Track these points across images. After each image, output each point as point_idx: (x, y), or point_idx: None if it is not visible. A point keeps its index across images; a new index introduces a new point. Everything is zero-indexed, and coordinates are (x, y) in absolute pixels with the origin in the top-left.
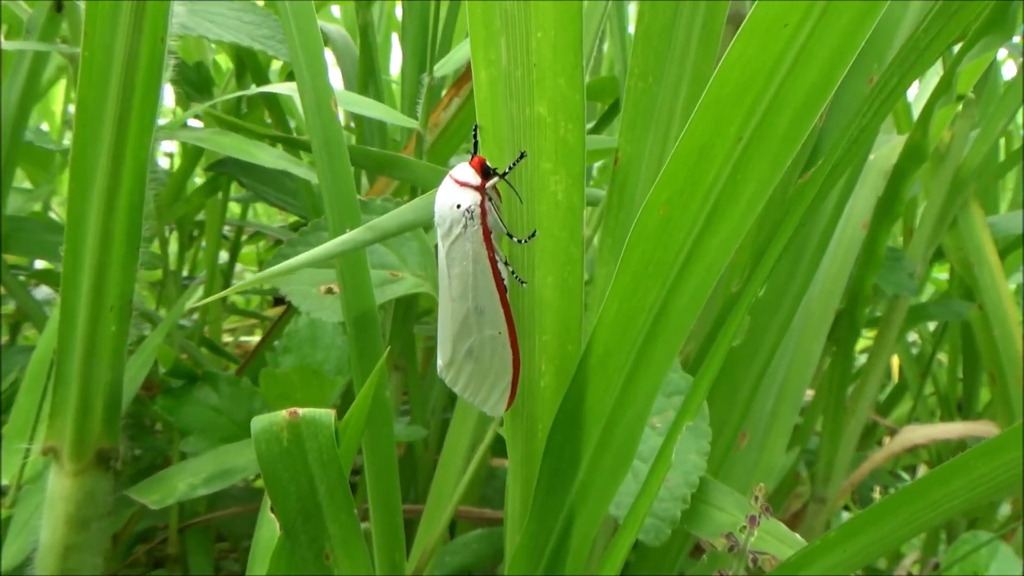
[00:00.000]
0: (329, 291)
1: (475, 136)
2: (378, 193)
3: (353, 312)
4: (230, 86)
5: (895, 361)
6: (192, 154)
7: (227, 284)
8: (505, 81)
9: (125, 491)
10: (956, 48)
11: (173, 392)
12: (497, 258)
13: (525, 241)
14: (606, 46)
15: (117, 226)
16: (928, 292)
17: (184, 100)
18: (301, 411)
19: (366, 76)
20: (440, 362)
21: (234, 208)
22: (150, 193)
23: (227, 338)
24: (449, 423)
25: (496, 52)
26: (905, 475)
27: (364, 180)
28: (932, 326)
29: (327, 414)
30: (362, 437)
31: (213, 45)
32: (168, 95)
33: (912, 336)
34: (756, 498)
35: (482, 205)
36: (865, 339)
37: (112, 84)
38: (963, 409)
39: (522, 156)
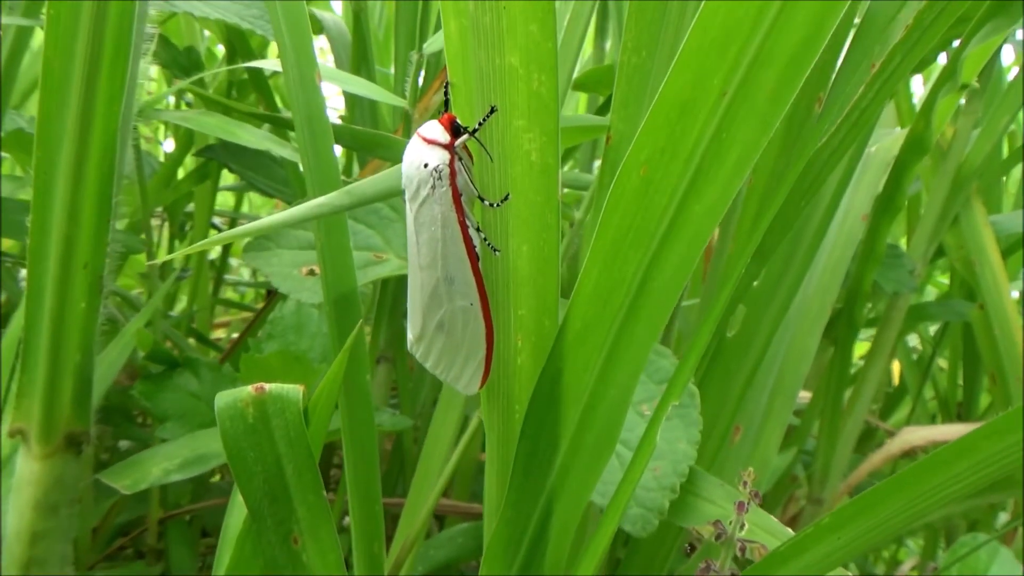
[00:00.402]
0: (311, 272)
1: (446, 93)
2: (367, 176)
3: (334, 293)
4: (220, 73)
5: (895, 365)
6: (183, 141)
7: (219, 276)
8: (473, 29)
9: (97, 475)
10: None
11: (152, 378)
12: (468, 223)
13: (498, 205)
14: (608, 44)
15: (86, 197)
16: (929, 295)
17: (173, 80)
18: (268, 386)
19: (359, 62)
20: (410, 336)
21: (228, 198)
22: (134, 175)
23: (221, 333)
24: None
25: None
26: None
27: (356, 168)
28: (932, 330)
29: (295, 390)
30: (340, 422)
31: (207, 33)
32: (156, 88)
33: (912, 340)
34: (745, 483)
35: (451, 165)
36: (864, 343)
37: (79, 46)
38: (963, 412)
39: (492, 110)
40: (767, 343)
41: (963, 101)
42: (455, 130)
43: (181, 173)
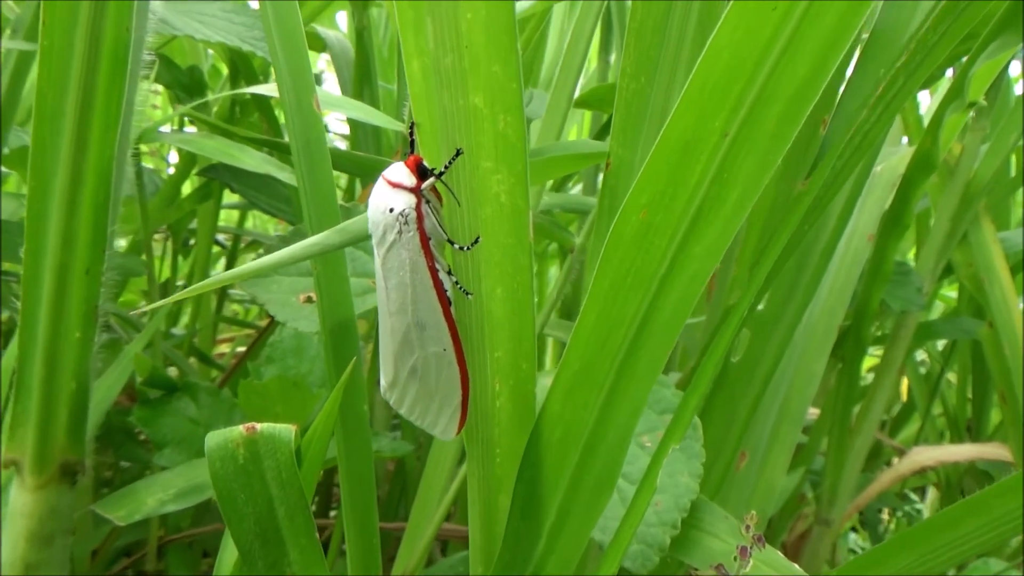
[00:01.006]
0: (309, 300)
1: (411, 134)
2: (365, 199)
3: (330, 322)
4: (223, 92)
5: (903, 381)
6: (187, 158)
7: (223, 294)
8: (435, 69)
9: (91, 506)
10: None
11: (150, 403)
12: (438, 267)
13: (468, 248)
14: (612, 57)
15: (81, 226)
16: (937, 310)
17: (176, 100)
18: (259, 426)
19: (361, 81)
20: (383, 383)
21: (232, 215)
22: (134, 196)
23: (225, 348)
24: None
25: (425, 38)
26: (914, 496)
27: (359, 188)
28: (940, 345)
29: (287, 430)
30: (336, 451)
31: (211, 51)
32: (163, 102)
33: (920, 356)
34: (748, 527)
35: (418, 208)
36: (872, 357)
37: (73, 75)
38: (973, 430)
39: (458, 153)
40: (773, 368)
41: (972, 115)
42: (422, 172)
43: (186, 189)
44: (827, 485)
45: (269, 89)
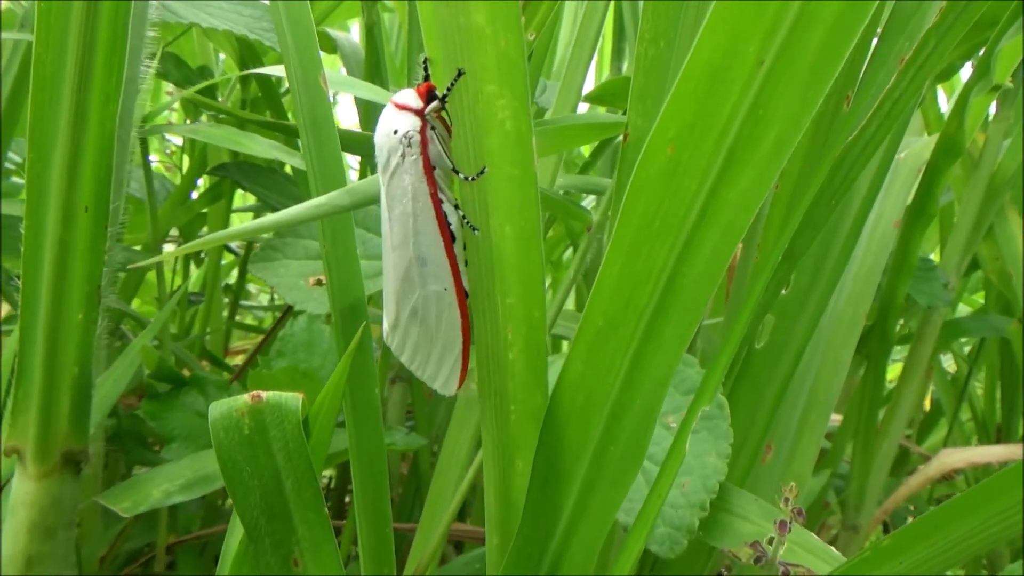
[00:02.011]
0: (319, 283)
1: (425, 68)
2: None
3: (340, 303)
4: (235, 89)
5: (928, 390)
6: (198, 160)
7: (236, 300)
8: None
9: (95, 497)
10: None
11: (158, 397)
12: (443, 198)
13: (474, 178)
14: (624, 65)
15: (82, 200)
16: (960, 313)
17: (189, 104)
18: (265, 395)
19: (371, 75)
20: (385, 325)
21: (246, 219)
22: (144, 201)
23: (240, 360)
24: None
25: None
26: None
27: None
28: (966, 349)
29: (294, 398)
30: (348, 443)
31: (222, 55)
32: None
33: (947, 361)
34: (787, 500)
35: (422, 132)
36: (897, 362)
37: (71, 41)
38: (1002, 434)
39: (460, 74)
40: (799, 355)
41: (996, 105)
42: (431, 99)
43: (196, 194)
44: (853, 489)
45: (276, 70)
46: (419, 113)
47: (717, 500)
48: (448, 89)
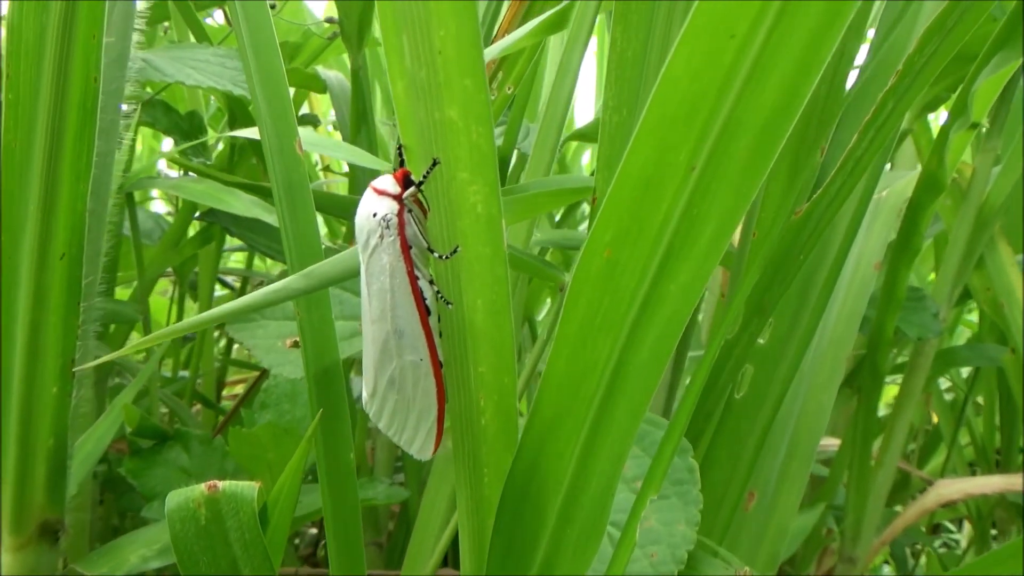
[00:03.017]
0: (295, 344)
1: (400, 154)
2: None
3: (315, 367)
4: (224, 135)
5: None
6: (190, 204)
7: (230, 338)
8: (413, 85)
9: (72, 564)
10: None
11: (141, 453)
12: (419, 275)
13: (447, 257)
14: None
15: (53, 282)
16: (961, 336)
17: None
18: (221, 484)
19: (358, 121)
20: (364, 393)
21: (241, 256)
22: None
23: (239, 389)
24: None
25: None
26: (951, 526)
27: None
28: (965, 372)
29: (249, 488)
30: (322, 503)
31: (213, 97)
32: (167, 145)
33: (945, 383)
34: None
35: (400, 215)
36: (893, 386)
37: (39, 127)
38: (1002, 458)
39: (435, 163)
40: (778, 403)
41: (983, 134)
42: (407, 184)
43: (192, 231)
44: (850, 521)
45: (252, 132)
46: (397, 198)
47: (687, 569)
48: (424, 176)
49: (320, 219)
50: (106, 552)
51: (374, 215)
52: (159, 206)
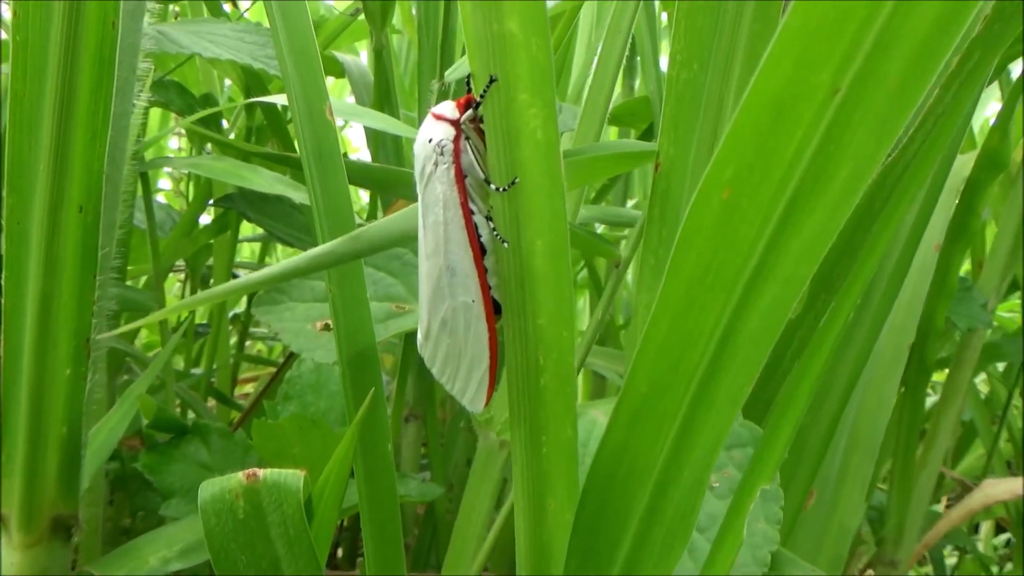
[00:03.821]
0: (326, 327)
1: (468, 85)
2: None
3: (348, 351)
4: (240, 118)
5: None
6: (203, 191)
7: (244, 331)
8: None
9: (87, 567)
10: None
11: (158, 448)
12: (474, 208)
13: (505, 189)
14: (637, 82)
15: (67, 249)
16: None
17: (194, 133)
18: (262, 473)
19: (381, 101)
20: (419, 335)
21: (254, 249)
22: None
23: (250, 388)
24: None
25: None
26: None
27: (381, 212)
28: (1000, 365)
29: (294, 477)
30: (358, 498)
31: (228, 81)
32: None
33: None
34: None
35: (456, 141)
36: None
37: (50, 75)
38: None
39: (492, 80)
40: (847, 394)
41: None
42: (468, 109)
43: (208, 217)
44: (892, 523)
45: (281, 98)
46: (454, 123)
47: (770, 570)
48: (482, 95)
49: None
50: (123, 554)
51: (429, 140)
52: (163, 201)
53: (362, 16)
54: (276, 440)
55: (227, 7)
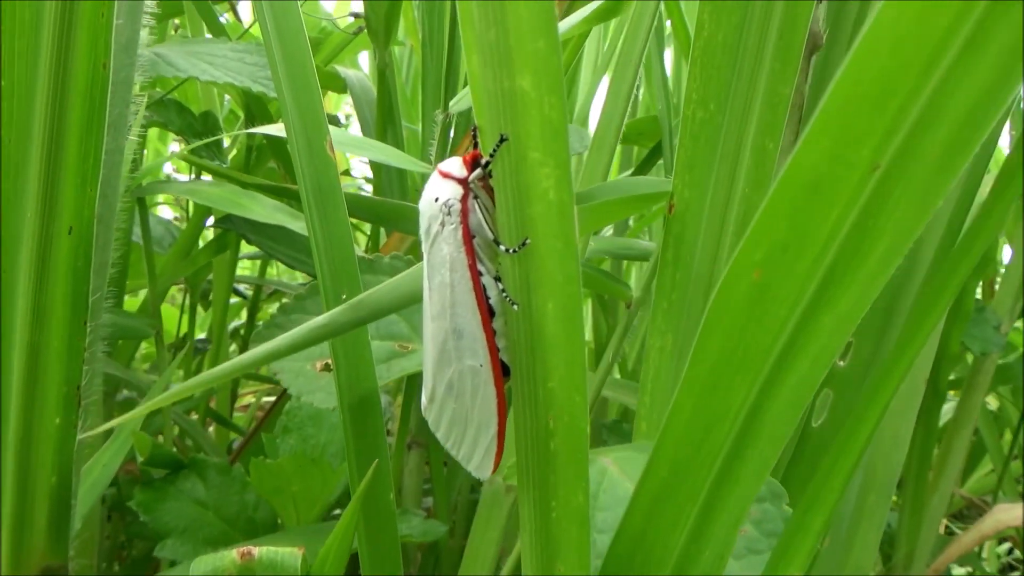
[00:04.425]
0: (326, 367)
1: (474, 137)
2: (391, 250)
3: (349, 397)
4: (240, 137)
5: None
6: (202, 209)
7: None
8: (481, 49)
9: None
10: None
11: (152, 485)
12: (482, 270)
13: (515, 250)
14: (641, 91)
15: (55, 299)
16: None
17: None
18: (256, 551)
19: (384, 122)
20: (423, 398)
21: (254, 264)
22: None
23: (249, 399)
24: (477, 504)
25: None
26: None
27: (384, 237)
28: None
29: (291, 556)
30: (357, 542)
31: (228, 96)
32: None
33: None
34: None
35: (463, 201)
36: None
37: (36, 119)
38: None
39: (503, 139)
40: (871, 434)
41: None
42: (476, 167)
43: (203, 239)
44: (903, 548)
45: (277, 129)
46: (462, 182)
47: None
48: (492, 155)
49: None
50: None
51: (436, 200)
52: (165, 211)
53: (364, 31)
54: (275, 479)
55: (226, 17)
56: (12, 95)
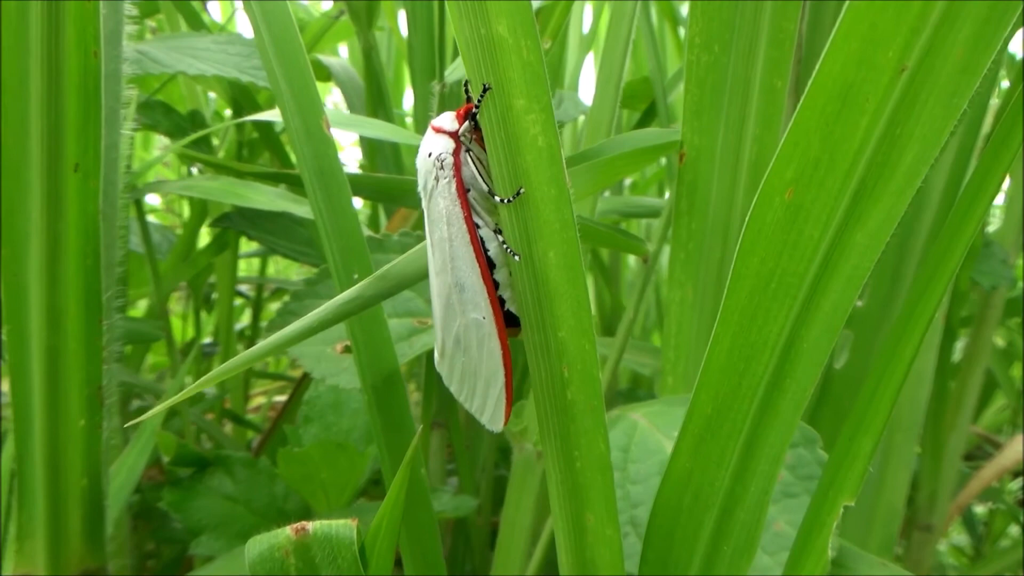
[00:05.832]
0: (347, 349)
1: (467, 91)
2: (396, 228)
3: (371, 377)
4: (229, 134)
5: None
6: (199, 211)
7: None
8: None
9: None
10: None
11: (181, 483)
12: (479, 223)
13: (510, 200)
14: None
15: (69, 298)
16: None
17: (184, 155)
18: (311, 526)
19: (374, 104)
20: (436, 353)
21: (253, 263)
22: (144, 255)
23: (260, 399)
24: (503, 480)
25: None
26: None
27: (384, 218)
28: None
29: (347, 528)
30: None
31: (212, 94)
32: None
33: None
34: None
35: (455, 154)
36: None
37: (33, 116)
38: None
39: (486, 89)
40: (903, 376)
41: None
42: (469, 119)
43: (204, 239)
44: (925, 487)
45: (272, 115)
46: (453, 135)
47: (838, 569)
48: (476, 105)
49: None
50: None
51: (429, 155)
52: (154, 220)
53: (344, 16)
54: (303, 467)
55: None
56: (5, 93)
